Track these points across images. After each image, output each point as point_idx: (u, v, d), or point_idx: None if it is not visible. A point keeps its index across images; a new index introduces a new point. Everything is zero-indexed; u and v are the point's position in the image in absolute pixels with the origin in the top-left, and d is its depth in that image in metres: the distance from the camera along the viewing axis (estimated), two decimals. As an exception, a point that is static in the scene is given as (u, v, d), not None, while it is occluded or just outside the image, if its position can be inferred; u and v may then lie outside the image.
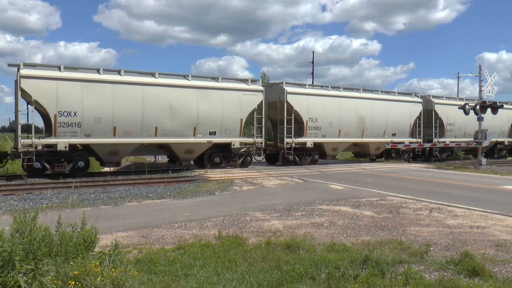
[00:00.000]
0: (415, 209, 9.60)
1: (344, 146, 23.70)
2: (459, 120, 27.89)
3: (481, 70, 24.34)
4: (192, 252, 6.06)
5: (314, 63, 44.05)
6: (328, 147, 22.77)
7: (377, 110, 24.32)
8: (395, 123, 25.10)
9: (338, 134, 22.80)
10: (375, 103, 24.41)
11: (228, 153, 19.83)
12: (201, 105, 18.58)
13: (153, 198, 11.91)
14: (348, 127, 23.11)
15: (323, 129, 22.20)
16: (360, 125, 23.62)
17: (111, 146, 16.98)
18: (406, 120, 25.68)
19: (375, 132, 24.28)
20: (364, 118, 23.70)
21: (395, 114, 25.05)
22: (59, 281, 4.22)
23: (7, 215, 8.74)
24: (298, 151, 21.82)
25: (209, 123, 18.80)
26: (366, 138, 23.95)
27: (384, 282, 4.82)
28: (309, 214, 9.11)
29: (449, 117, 27.89)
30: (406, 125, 25.73)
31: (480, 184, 14.85)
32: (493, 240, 6.80)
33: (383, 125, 24.63)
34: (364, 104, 23.87)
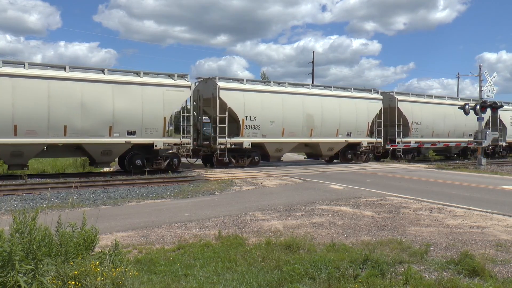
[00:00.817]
0: (415, 209, 9.60)
1: (290, 147, 21.67)
2: (427, 118, 26.64)
3: (481, 70, 24.36)
4: (192, 252, 6.06)
5: (314, 63, 44.14)
6: (270, 148, 20.77)
7: (328, 107, 22.28)
8: (350, 121, 23.02)
9: (282, 134, 20.76)
10: (326, 99, 22.33)
11: (152, 155, 17.84)
12: (118, 102, 16.69)
13: (153, 198, 11.91)
14: (293, 126, 21.04)
15: (263, 128, 20.16)
16: (308, 123, 21.55)
17: (12, 147, 15.24)
18: (363, 119, 23.55)
19: (327, 132, 22.25)
20: (313, 116, 21.64)
21: (350, 112, 22.99)
22: (59, 281, 4.22)
23: (7, 215, 8.74)
24: (236, 152, 19.98)
25: (127, 121, 16.91)
26: (315, 138, 21.92)
27: (384, 282, 4.82)
28: (309, 214, 9.12)
29: (415, 115, 26.13)
30: (364, 124, 23.57)
31: (480, 184, 14.86)
32: (493, 240, 6.80)
33: (336, 124, 22.54)
34: (313, 101, 21.81)
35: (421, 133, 26.56)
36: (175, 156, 18.38)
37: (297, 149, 23.71)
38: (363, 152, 24.05)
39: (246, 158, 20.29)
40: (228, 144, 19.36)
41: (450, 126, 28.08)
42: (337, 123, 22.68)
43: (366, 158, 24.24)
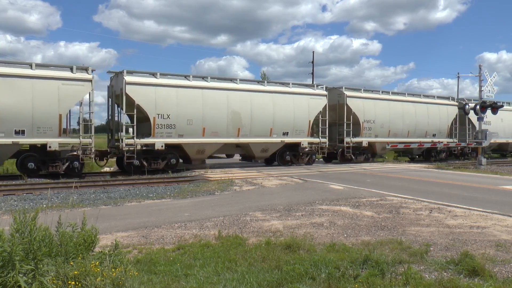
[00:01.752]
0: (415, 209, 9.60)
1: (213, 148, 19.51)
2: (381, 117, 24.51)
3: (481, 70, 24.35)
4: (192, 252, 6.06)
5: (314, 63, 44.10)
6: (190, 149, 18.79)
7: (260, 104, 20.19)
8: (287, 120, 21.01)
9: (202, 134, 18.68)
10: (256, 96, 20.24)
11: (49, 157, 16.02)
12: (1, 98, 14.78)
13: (153, 198, 11.91)
14: (216, 124, 18.98)
15: (179, 127, 18.15)
16: (234, 122, 19.49)
17: None
18: (303, 117, 21.53)
19: (258, 131, 20.14)
20: (240, 114, 19.59)
21: (287, 109, 20.99)
22: (59, 281, 4.23)
23: (7, 215, 8.74)
24: (148, 154, 17.92)
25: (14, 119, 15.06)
26: (244, 138, 19.84)
27: (384, 282, 4.82)
28: (309, 214, 9.12)
29: (368, 113, 23.93)
30: (303, 123, 21.54)
31: (480, 184, 14.86)
32: (493, 240, 6.80)
33: (269, 123, 20.45)
34: (241, 98, 19.71)
35: (375, 133, 24.35)
36: (76, 158, 16.33)
37: (225, 151, 21.80)
38: (306, 153, 22.09)
39: (161, 161, 18.13)
40: (138, 146, 17.33)
41: (410, 125, 25.94)
42: (271, 122, 20.54)
43: (308, 160, 22.30)
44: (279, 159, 21.64)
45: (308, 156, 22.31)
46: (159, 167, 18.04)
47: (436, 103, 27.53)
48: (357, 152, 24.04)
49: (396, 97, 25.97)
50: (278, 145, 21.22)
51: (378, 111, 24.42)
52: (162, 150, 17.96)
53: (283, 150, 21.54)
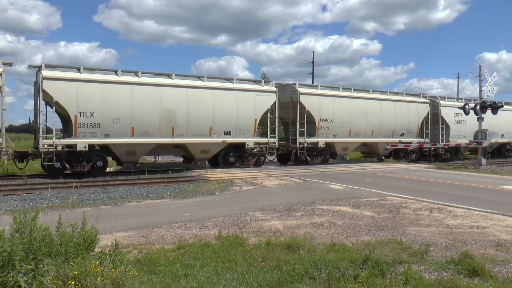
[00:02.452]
0: (415, 209, 9.60)
1: (145, 149, 18.05)
2: (341, 116, 22.83)
3: (481, 70, 24.34)
4: (192, 252, 6.06)
5: (314, 63, 44.10)
6: (119, 151, 17.35)
7: (197, 101, 18.56)
8: (230, 118, 19.37)
9: (132, 134, 17.17)
10: (194, 92, 18.58)
11: None
12: None
13: (153, 198, 11.91)
14: (147, 124, 17.45)
15: (104, 126, 16.60)
16: (168, 121, 17.92)
17: None
18: (249, 115, 19.84)
19: (195, 131, 18.55)
20: (174, 112, 18.03)
21: (230, 107, 19.32)
22: (59, 281, 4.23)
23: (7, 215, 8.74)
24: (72, 156, 16.53)
25: None
26: (179, 138, 18.26)
27: (384, 282, 4.82)
28: (309, 214, 9.12)
29: (324, 111, 22.26)
30: (249, 122, 19.87)
31: (480, 184, 14.85)
32: (493, 240, 6.80)
33: (208, 122, 18.78)
34: (175, 94, 18.11)
35: (334, 132, 22.68)
36: None
37: (161, 152, 20.19)
38: (254, 154, 20.54)
39: (86, 163, 16.75)
40: (59, 147, 16.08)
41: (374, 124, 24.21)
42: (210, 120, 18.85)
43: (256, 161, 20.64)
44: (223, 161, 20.00)
45: (255, 158, 20.61)
46: (83, 170, 16.68)
47: (405, 101, 25.95)
48: (314, 153, 22.57)
49: (358, 94, 24.22)
50: (220, 146, 19.52)
51: (337, 109, 22.74)
52: (86, 151, 16.50)
53: (227, 151, 19.93)
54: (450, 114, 27.62)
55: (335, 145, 23.14)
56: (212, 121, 18.95)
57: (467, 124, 27.77)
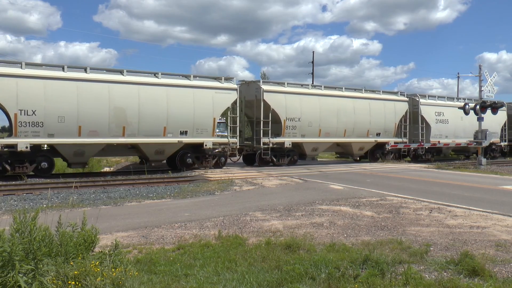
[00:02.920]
0: (415, 209, 9.60)
1: (95, 149, 16.93)
2: (310, 115, 21.50)
3: (481, 70, 24.34)
4: (192, 252, 6.06)
5: (314, 63, 44.14)
6: (65, 151, 16.37)
7: (150, 99, 17.45)
8: (186, 117, 18.17)
9: (79, 133, 16.15)
10: (146, 89, 17.46)
11: None
12: None
13: (153, 198, 11.91)
14: (95, 122, 16.33)
15: (48, 125, 15.57)
16: (118, 120, 16.80)
17: None
18: (207, 114, 18.69)
19: (148, 130, 17.44)
20: (125, 110, 16.91)
21: (186, 105, 18.13)
22: (59, 281, 4.23)
23: (7, 215, 8.74)
24: (12, 157, 15.71)
25: None
26: (131, 138, 17.18)
27: (384, 282, 4.82)
28: (309, 214, 9.12)
29: (291, 110, 20.93)
30: (207, 120, 18.70)
31: (480, 184, 14.85)
32: (493, 240, 6.80)
33: (162, 120, 17.66)
34: (126, 91, 16.95)
35: (302, 132, 21.34)
36: None
37: (113, 152, 18.88)
38: (213, 155, 19.38)
39: (29, 165, 15.80)
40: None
41: (347, 124, 22.91)
42: (164, 119, 17.74)
43: (217, 162, 19.42)
44: (180, 162, 18.76)
45: (216, 159, 19.41)
46: (26, 171, 15.73)
47: (381, 99, 24.58)
48: (281, 154, 21.32)
49: (329, 91, 22.88)
50: (176, 146, 18.37)
51: (305, 108, 21.41)
52: (29, 152, 15.52)
53: (185, 152, 18.73)
54: (431, 113, 26.54)
55: (303, 145, 21.82)
56: (167, 120, 17.80)
57: (449, 124, 27.15)
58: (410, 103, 26.11)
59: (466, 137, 27.62)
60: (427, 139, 26.22)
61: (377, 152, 24.90)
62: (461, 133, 27.81)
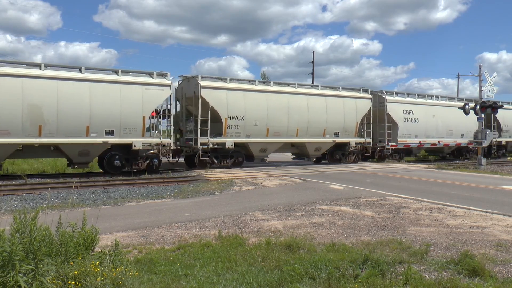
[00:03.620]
0: (415, 209, 9.60)
1: (7, 150, 15.43)
2: (255, 113, 19.83)
3: (481, 70, 24.34)
4: (192, 252, 6.06)
5: (314, 63, 44.13)
6: None
7: (71, 96, 15.93)
8: (113, 115, 16.65)
9: None
10: (66, 85, 15.98)
11: None
12: None
13: (153, 198, 11.91)
14: (6, 121, 15.02)
15: None
16: (33, 118, 15.38)
17: None
18: (136, 112, 17.15)
19: (69, 130, 15.98)
20: (41, 107, 15.51)
21: (112, 102, 16.63)
22: (59, 281, 4.23)
23: (7, 215, 8.74)
24: None
25: None
26: (48, 137, 15.73)
27: (384, 282, 4.82)
28: (309, 214, 9.12)
29: (233, 108, 19.30)
30: (136, 119, 17.19)
31: (480, 184, 14.86)
32: (493, 240, 6.80)
33: (85, 119, 16.12)
34: (43, 87, 15.53)
35: (247, 132, 19.73)
36: None
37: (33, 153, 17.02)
38: (144, 157, 17.78)
39: None
40: None
41: (300, 122, 21.23)
42: (87, 118, 16.18)
43: (149, 164, 17.89)
44: (107, 165, 17.35)
45: (148, 161, 17.84)
46: None
47: (340, 96, 22.85)
48: (225, 155, 19.76)
49: (278, 88, 21.13)
50: (101, 147, 16.93)
51: (250, 105, 19.78)
52: None
53: (113, 153, 17.30)
54: (398, 111, 24.91)
55: (249, 146, 20.08)
56: (89, 119, 16.26)
57: (420, 123, 25.62)
58: (376, 100, 24.60)
59: (439, 137, 26.76)
60: (394, 139, 24.70)
61: (337, 153, 23.41)
62: (433, 132, 26.51)
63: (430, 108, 26.24)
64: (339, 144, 23.12)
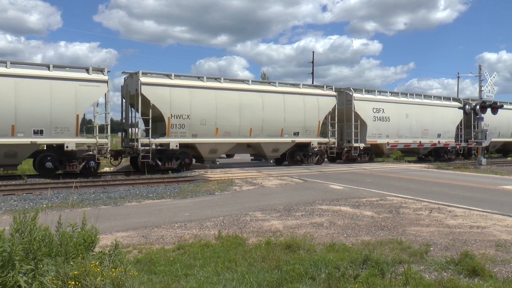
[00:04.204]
0: (415, 209, 9.60)
1: None
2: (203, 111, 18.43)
3: (481, 70, 24.36)
4: (192, 252, 6.06)
5: (314, 63, 44.12)
6: None
7: None
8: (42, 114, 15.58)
9: None
10: None
11: None
12: None
13: (153, 198, 11.91)
14: None
15: None
16: None
17: None
18: (69, 110, 16.06)
19: None
20: None
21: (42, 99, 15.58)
22: (59, 281, 4.23)
23: (7, 215, 8.74)
24: None
25: None
26: None
27: (384, 282, 4.82)
28: (309, 214, 9.12)
29: (177, 106, 18.02)
30: (69, 117, 16.09)
31: (480, 184, 14.86)
32: (493, 240, 6.80)
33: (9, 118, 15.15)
34: None
35: (193, 131, 18.42)
36: None
37: None
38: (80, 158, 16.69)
39: None
40: None
41: (253, 121, 19.87)
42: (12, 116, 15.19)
43: (85, 166, 16.74)
44: (39, 167, 16.38)
45: (84, 163, 16.73)
46: None
47: (300, 93, 21.38)
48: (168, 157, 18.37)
49: (229, 85, 19.71)
50: (29, 148, 15.85)
51: (197, 103, 18.44)
52: None
53: (45, 155, 16.31)
54: (367, 109, 23.37)
55: (197, 146, 18.80)
56: (15, 118, 15.24)
57: (391, 122, 24.16)
58: (344, 98, 23.22)
59: (413, 137, 25.20)
60: (362, 139, 23.22)
61: (298, 154, 21.82)
62: (406, 132, 25.00)
63: (403, 107, 24.75)
64: (300, 145, 21.71)
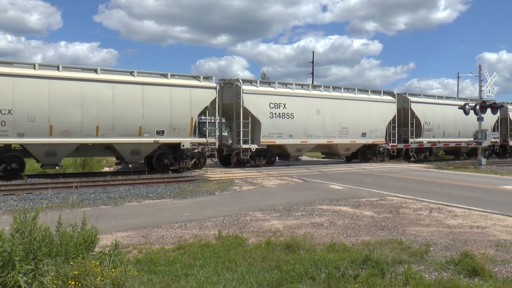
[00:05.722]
0: (415, 209, 9.60)
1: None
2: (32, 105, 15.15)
3: (481, 70, 24.34)
4: (192, 252, 6.06)
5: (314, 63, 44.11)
6: None
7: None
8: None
9: None
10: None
11: None
12: None
13: (153, 198, 11.91)
14: None
15: None
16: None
17: None
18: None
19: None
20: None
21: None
22: (59, 281, 4.23)
23: (7, 215, 8.74)
24: None
25: None
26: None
27: (384, 282, 4.82)
28: (309, 214, 9.12)
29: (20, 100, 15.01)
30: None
31: (480, 184, 14.85)
32: (493, 240, 6.80)
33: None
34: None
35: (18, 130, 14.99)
36: None
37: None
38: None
39: None
40: None
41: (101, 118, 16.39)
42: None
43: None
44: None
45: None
46: None
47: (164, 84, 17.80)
48: None
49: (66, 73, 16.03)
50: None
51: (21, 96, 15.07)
52: None
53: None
54: (262, 104, 19.73)
55: (27, 148, 15.56)
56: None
57: (295, 119, 20.58)
58: (233, 91, 19.79)
59: (327, 137, 21.82)
60: (256, 139, 19.83)
61: (166, 158, 18.17)
62: (318, 131, 21.45)
63: (312, 101, 21.14)
64: (170, 145, 18.28)
